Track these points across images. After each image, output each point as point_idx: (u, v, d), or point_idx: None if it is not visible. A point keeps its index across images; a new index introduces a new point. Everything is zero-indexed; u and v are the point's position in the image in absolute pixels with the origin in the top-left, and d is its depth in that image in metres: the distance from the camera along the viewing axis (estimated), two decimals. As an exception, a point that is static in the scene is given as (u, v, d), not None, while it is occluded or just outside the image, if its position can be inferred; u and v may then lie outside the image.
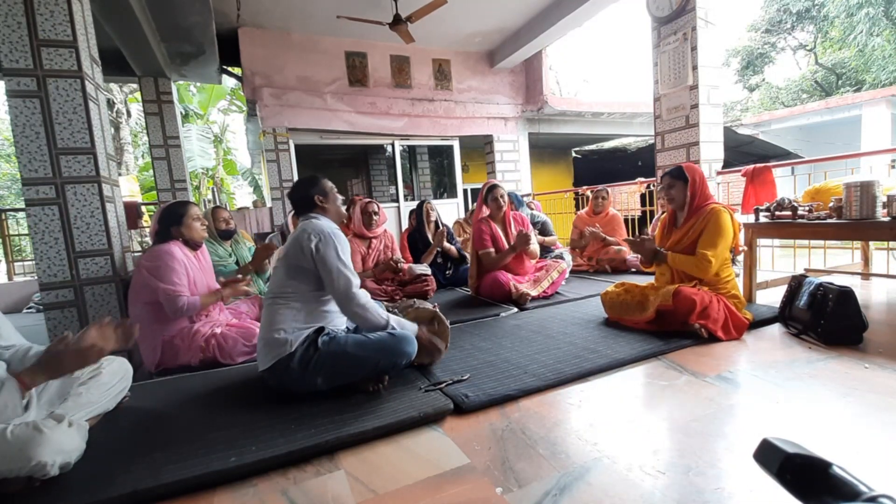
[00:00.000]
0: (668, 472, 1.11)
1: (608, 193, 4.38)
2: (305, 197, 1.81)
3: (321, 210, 1.82)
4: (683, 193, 2.28)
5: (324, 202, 1.83)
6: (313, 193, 1.81)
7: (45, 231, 2.30)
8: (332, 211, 1.85)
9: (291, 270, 1.69)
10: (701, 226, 2.21)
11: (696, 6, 3.45)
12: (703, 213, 2.22)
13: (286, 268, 1.71)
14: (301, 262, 1.67)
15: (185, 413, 1.62)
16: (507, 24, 5.60)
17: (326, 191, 1.84)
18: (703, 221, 2.21)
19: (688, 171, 2.27)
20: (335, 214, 1.86)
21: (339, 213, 1.88)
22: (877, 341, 1.93)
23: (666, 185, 2.33)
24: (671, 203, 2.34)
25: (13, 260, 4.88)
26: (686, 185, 2.26)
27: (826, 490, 0.37)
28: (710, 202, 2.25)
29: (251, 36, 5.12)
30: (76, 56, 2.29)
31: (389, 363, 1.66)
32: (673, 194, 2.31)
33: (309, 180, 1.86)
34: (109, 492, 1.15)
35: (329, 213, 1.84)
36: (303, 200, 1.82)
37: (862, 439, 1.22)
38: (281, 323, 1.64)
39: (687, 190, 2.26)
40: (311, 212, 1.81)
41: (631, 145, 9.03)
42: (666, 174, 2.35)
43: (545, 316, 2.66)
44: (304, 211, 1.82)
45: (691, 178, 2.25)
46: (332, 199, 1.85)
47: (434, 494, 1.10)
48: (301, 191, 1.83)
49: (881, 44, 12.44)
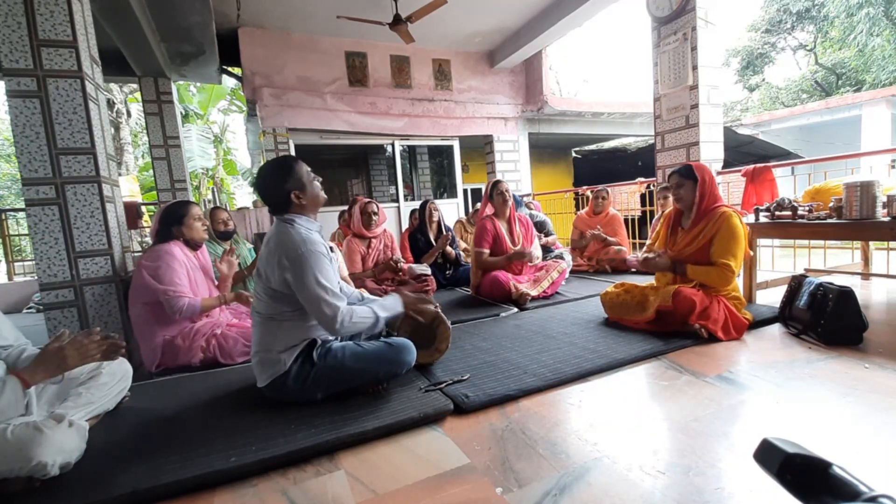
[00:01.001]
0: (668, 472, 1.11)
1: (608, 193, 4.38)
2: (279, 194, 1.57)
3: (298, 208, 1.59)
4: (693, 193, 2.21)
5: (301, 198, 1.58)
6: (289, 189, 1.56)
7: (45, 231, 2.30)
8: (310, 204, 1.62)
9: (271, 292, 1.56)
10: (711, 231, 2.16)
11: (696, 6, 3.45)
12: (713, 216, 2.17)
13: (265, 290, 1.57)
14: (279, 288, 1.53)
15: (185, 413, 1.61)
16: (507, 24, 5.60)
17: (303, 182, 1.59)
18: (713, 226, 2.15)
19: (697, 171, 2.21)
20: (313, 206, 1.63)
21: (317, 202, 1.65)
22: (877, 341, 1.93)
23: (674, 184, 2.27)
24: (679, 203, 2.29)
25: (13, 260, 4.88)
26: (696, 185, 2.20)
27: (826, 490, 0.37)
28: (719, 205, 2.20)
29: (251, 36, 5.12)
30: (76, 56, 2.29)
31: (389, 373, 1.65)
32: (682, 194, 2.24)
33: (281, 169, 1.58)
34: (109, 492, 1.15)
35: (307, 209, 1.61)
36: (276, 198, 1.57)
37: (862, 439, 1.22)
38: (271, 343, 1.57)
39: (696, 190, 2.20)
40: (286, 211, 1.59)
41: (631, 145, 9.03)
42: (675, 172, 2.28)
43: (545, 316, 2.66)
44: (278, 210, 1.59)
45: (701, 178, 2.20)
46: (310, 190, 1.61)
47: (434, 494, 1.10)
48: (273, 185, 1.57)
49: (881, 44, 12.44)
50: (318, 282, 1.49)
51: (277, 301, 1.57)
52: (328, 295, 1.50)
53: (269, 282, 1.55)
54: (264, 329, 1.60)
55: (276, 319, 1.59)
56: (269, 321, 1.60)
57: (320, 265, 1.51)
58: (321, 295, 1.49)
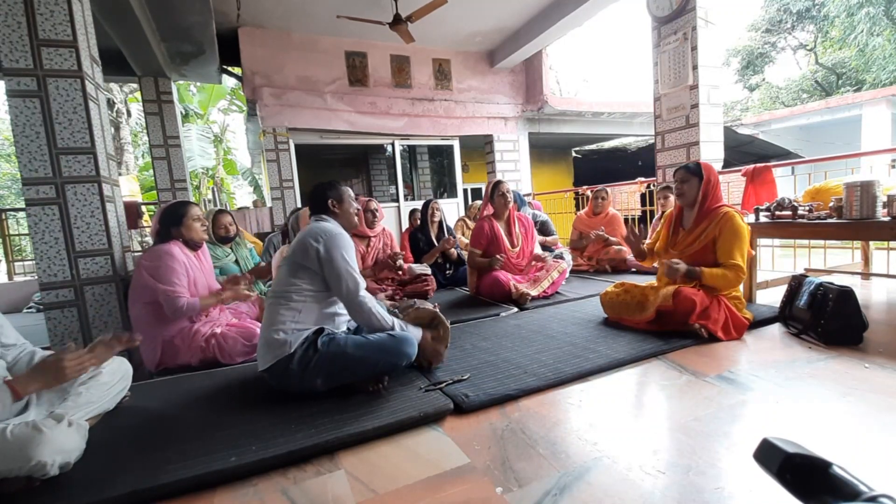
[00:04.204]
0: (668, 472, 1.11)
1: (607, 193, 4.38)
2: (321, 197, 1.85)
3: (332, 214, 1.85)
4: (696, 190, 2.22)
5: (336, 207, 1.86)
6: (329, 196, 1.85)
7: (45, 231, 2.30)
8: (344, 218, 1.88)
9: (295, 269, 1.70)
10: (714, 231, 2.16)
11: (696, 6, 3.45)
12: (715, 216, 2.17)
13: (290, 266, 1.72)
14: (305, 262, 1.69)
15: (185, 413, 1.61)
16: (507, 24, 5.60)
17: (342, 197, 1.88)
18: (716, 227, 2.16)
19: (705, 170, 2.22)
20: (346, 221, 1.89)
21: (350, 221, 1.90)
22: (877, 341, 1.93)
23: (679, 178, 2.27)
24: (680, 198, 2.29)
25: (13, 260, 4.88)
26: (700, 183, 2.21)
27: (826, 490, 0.37)
28: (721, 205, 2.21)
29: (251, 36, 5.12)
30: (76, 56, 2.29)
31: (389, 364, 1.66)
32: (685, 189, 2.25)
33: (329, 183, 1.90)
34: (109, 492, 1.15)
35: (340, 219, 1.86)
36: (317, 199, 1.86)
37: (862, 439, 1.22)
38: (281, 323, 1.64)
39: (700, 188, 2.21)
40: (323, 213, 1.85)
41: (631, 145, 9.04)
42: (682, 167, 2.28)
43: (545, 316, 2.66)
44: (317, 210, 1.86)
45: (706, 177, 2.20)
46: (346, 206, 1.88)
47: (434, 494, 1.10)
48: (319, 190, 1.88)
49: (881, 43, 12.44)
50: (345, 258, 1.69)
51: (298, 277, 1.69)
52: (353, 271, 1.70)
53: (294, 257, 1.71)
54: (277, 309, 1.67)
55: (290, 299, 1.67)
56: (282, 300, 1.68)
57: (348, 248, 1.73)
58: (347, 269, 1.68)
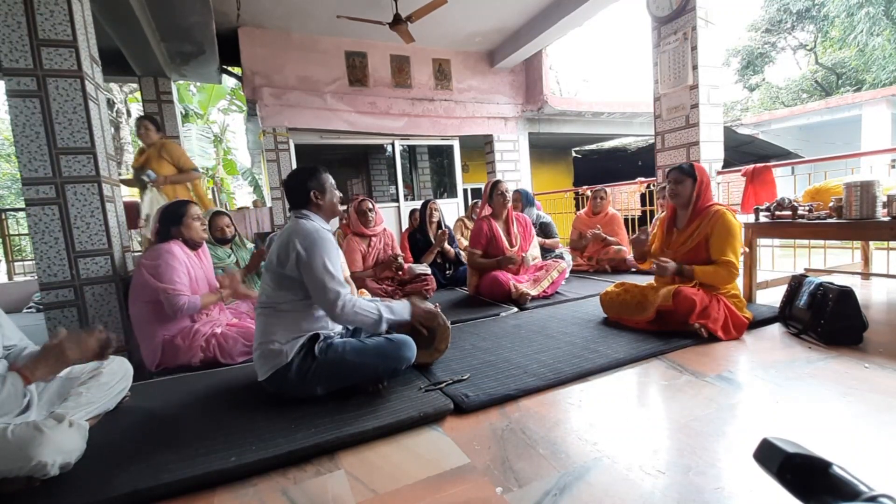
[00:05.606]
0: (668, 472, 1.11)
1: (606, 193, 4.38)
2: (301, 189, 1.71)
3: (315, 207, 1.73)
4: (691, 191, 2.26)
5: (319, 198, 1.73)
6: (310, 187, 1.71)
7: (45, 231, 2.30)
8: (327, 208, 1.75)
9: (278, 279, 1.63)
10: (707, 229, 2.20)
11: (696, 6, 3.45)
12: (706, 215, 2.21)
13: (273, 277, 1.64)
14: (288, 272, 1.60)
15: (186, 413, 1.61)
16: (507, 24, 5.60)
17: (324, 186, 1.74)
18: (708, 224, 2.19)
19: (698, 171, 2.27)
20: (329, 212, 1.77)
21: (333, 210, 1.78)
22: (877, 341, 1.93)
23: (673, 179, 2.30)
24: (675, 199, 2.32)
25: (13, 260, 4.88)
26: (694, 184, 2.25)
27: (826, 490, 0.37)
28: (712, 203, 2.25)
29: (251, 36, 5.12)
30: (76, 56, 2.29)
31: (389, 369, 1.66)
32: (680, 190, 2.28)
33: (308, 171, 1.75)
34: (109, 492, 1.15)
35: (322, 211, 1.74)
36: (297, 192, 1.72)
37: (862, 439, 1.22)
38: (274, 334, 1.60)
39: (694, 188, 2.25)
40: (304, 207, 1.72)
41: (631, 145, 9.03)
42: (676, 168, 2.31)
43: (545, 316, 2.66)
44: (297, 205, 1.73)
45: (700, 179, 2.25)
46: (329, 196, 1.76)
47: (434, 494, 1.10)
48: (297, 180, 1.72)
49: (881, 43, 12.44)
50: (325, 266, 1.58)
51: (284, 288, 1.63)
52: (332, 280, 1.58)
53: (282, 266, 1.61)
54: (268, 320, 1.63)
55: (280, 309, 1.63)
56: (272, 311, 1.63)
57: (330, 252, 1.62)
58: (325, 279, 1.57)
